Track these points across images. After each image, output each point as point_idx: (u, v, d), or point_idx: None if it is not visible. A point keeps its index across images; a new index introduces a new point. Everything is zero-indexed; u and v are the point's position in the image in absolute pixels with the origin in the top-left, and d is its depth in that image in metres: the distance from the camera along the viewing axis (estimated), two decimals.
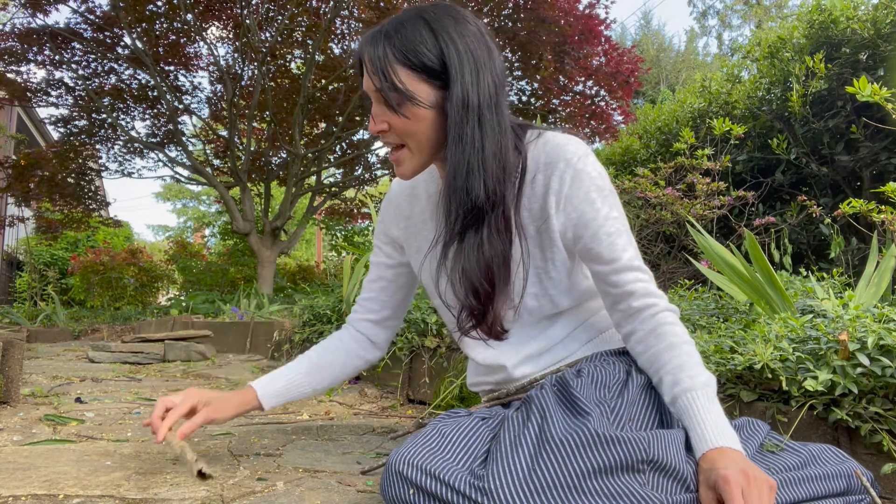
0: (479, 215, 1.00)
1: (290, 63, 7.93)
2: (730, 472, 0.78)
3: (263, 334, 3.60)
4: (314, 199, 8.47)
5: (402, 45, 0.97)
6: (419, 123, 0.99)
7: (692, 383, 0.92)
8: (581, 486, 0.78)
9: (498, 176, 0.99)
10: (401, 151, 1.04)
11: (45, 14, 6.77)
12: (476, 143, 0.97)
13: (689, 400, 0.90)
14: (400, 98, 0.97)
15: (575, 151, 1.03)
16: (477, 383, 1.24)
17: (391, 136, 1.02)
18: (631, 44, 15.62)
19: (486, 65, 0.99)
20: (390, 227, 1.27)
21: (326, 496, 1.08)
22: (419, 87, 0.97)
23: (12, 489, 1.05)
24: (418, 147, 1.02)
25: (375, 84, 0.98)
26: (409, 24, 0.98)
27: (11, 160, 7.64)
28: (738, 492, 0.76)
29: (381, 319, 1.34)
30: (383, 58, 0.97)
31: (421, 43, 0.96)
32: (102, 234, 12.71)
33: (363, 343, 1.34)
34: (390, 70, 0.96)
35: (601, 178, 1.04)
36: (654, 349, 0.99)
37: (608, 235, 1.02)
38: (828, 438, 1.16)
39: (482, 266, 1.00)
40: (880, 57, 3.38)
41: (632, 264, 1.03)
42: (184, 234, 25.81)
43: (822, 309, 1.63)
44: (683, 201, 3.33)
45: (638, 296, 1.02)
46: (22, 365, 1.92)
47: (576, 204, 1.03)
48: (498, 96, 1.00)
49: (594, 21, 6.26)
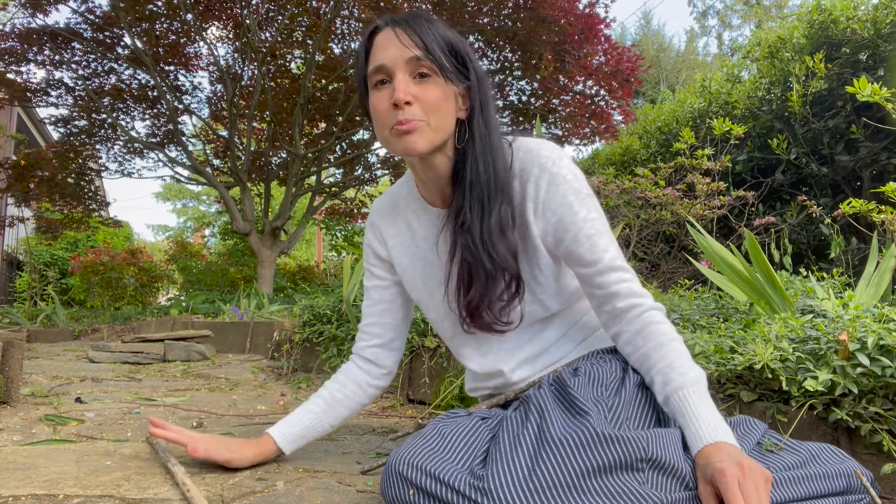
0: (490, 199, 1.03)
1: (290, 63, 7.92)
2: (725, 464, 0.79)
3: (263, 334, 3.60)
4: (314, 199, 8.47)
5: (437, 29, 1.02)
6: (446, 101, 1.02)
7: (683, 381, 0.92)
8: (581, 486, 0.78)
9: (505, 165, 1.05)
10: (418, 122, 0.99)
11: (45, 14, 6.76)
12: (491, 131, 1.05)
13: (681, 398, 0.91)
14: (438, 68, 1.00)
15: (549, 156, 1.04)
16: (475, 388, 1.24)
17: (415, 108, 0.99)
18: (631, 44, 15.59)
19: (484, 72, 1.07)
20: (377, 248, 1.27)
21: (326, 496, 1.08)
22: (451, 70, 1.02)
23: (12, 489, 1.05)
24: (437, 126, 1.01)
25: (416, 53, 0.99)
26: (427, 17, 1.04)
27: (11, 160, 7.63)
28: (735, 483, 0.77)
29: (387, 342, 1.32)
30: (427, 31, 1.01)
31: (445, 32, 1.04)
32: (102, 234, 12.70)
33: (372, 371, 1.33)
34: (435, 41, 1.00)
35: (577, 181, 1.05)
36: (642, 349, 1.00)
37: (588, 238, 1.03)
38: (828, 438, 1.16)
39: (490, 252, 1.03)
40: (880, 57, 3.38)
41: (614, 264, 1.03)
42: (184, 234, 25.81)
43: (822, 309, 1.63)
44: (683, 201, 3.33)
45: (622, 296, 1.02)
46: (22, 365, 1.92)
47: (554, 208, 1.04)
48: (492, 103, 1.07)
49: (594, 20, 6.25)
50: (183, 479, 1.09)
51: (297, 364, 2.93)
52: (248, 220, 7.34)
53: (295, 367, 2.92)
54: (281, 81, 7.78)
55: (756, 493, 0.76)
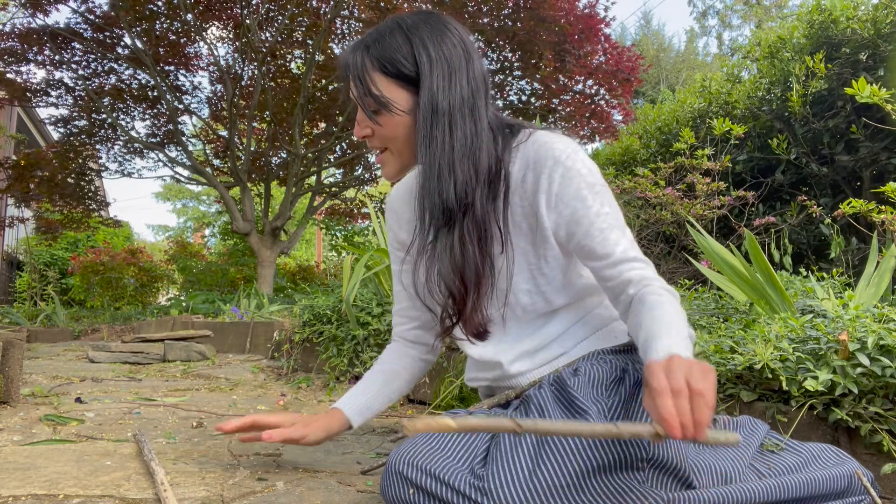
0: (450, 217, 1.02)
1: (290, 63, 7.93)
2: (656, 362, 0.75)
3: (263, 334, 3.60)
4: (314, 199, 8.47)
5: (379, 53, 1.02)
6: (397, 128, 1.04)
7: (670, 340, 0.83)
8: (581, 485, 0.78)
9: (468, 179, 1.00)
10: (384, 154, 1.09)
11: (45, 14, 6.77)
12: (445, 146, 1.00)
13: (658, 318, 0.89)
14: (377, 105, 1.03)
15: (563, 149, 1.04)
16: (474, 378, 1.24)
17: (375, 140, 1.08)
18: (630, 43, 15.58)
19: (461, 69, 1.02)
20: (398, 232, 1.28)
21: (326, 496, 1.08)
22: (396, 94, 1.02)
23: (12, 489, 1.05)
24: (399, 151, 1.07)
25: (355, 92, 1.04)
26: (388, 33, 1.03)
27: (11, 160, 7.64)
28: (661, 371, 0.73)
29: (424, 324, 1.31)
30: (361, 67, 1.02)
31: (396, 51, 1.01)
32: (102, 234, 12.71)
33: (419, 348, 1.32)
34: (368, 78, 1.02)
35: (591, 175, 1.04)
36: (638, 314, 0.95)
37: (600, 231, 1.02)
38: (828, 438, 1.16)
39: (454, 267, 1.02)
40: (880, 57, 3.38)
41: (626, 256, 1.02)
42: (184, 234, 25.82)
43: (822, 309, 1.63)
44: (683, 201, 3.33)
45: (634, 283, 1.01)
46: (22, 365, 1.92)
47: (567, 201, 1.03)
48: (474, 100, 1.02)
49: (594, 20, 6.26)
50: (163, 479, 1.09)
51: (297, 364, 2.93)
52: (248, 220, 7.34)
53: (295, 367, 2.92)
54: (281, 81, 7.78)
55: (686, 375, 0.71)
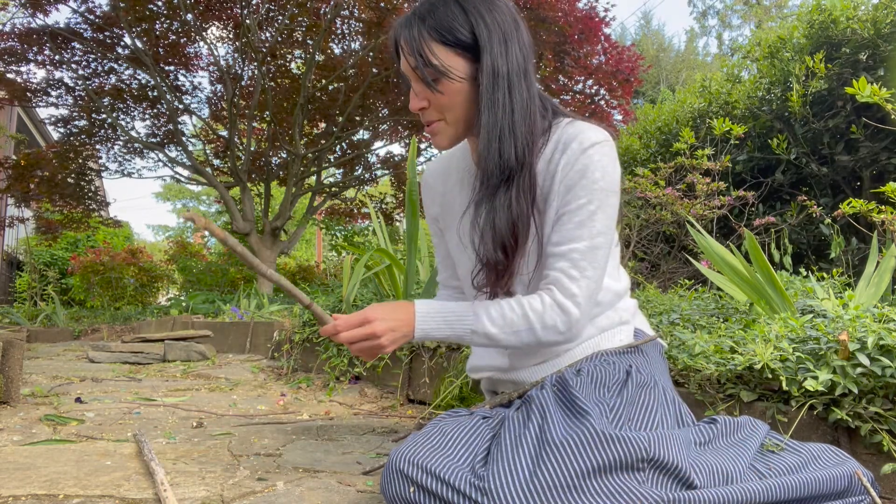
0: (510, 176, 1.05)
1: (290, 63, 7.92)
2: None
3: (263, 334, 3.60)
4: (314, 199, 8.46)
5: (436, 23, 1.04)
6: (455, 96, 1.06)
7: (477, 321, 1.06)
8: (581, 486, 0.78)
9: (527, 139, 1.05)
10: (437, 124, 1.10)
11: (45, 14, 6.76)
12: (506, 108, 1.04)
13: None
14: (436, 74, 1.04)
15: (590, 136, 1.06)
16: (476, 368, 1.24)
17: (431, 111, 1.09)
18: (630, 43, 15.54)
19: (514, 36, 1.06)
20: (431, 207, 1.32)
21: (326, 496, 1.08)
22: (455, 62, 1.04)
23: (12, 489, 1.05)
24: (455, 120, 1.09)
25: (412, 64, 1.05)
26: (441, 4, 1.05)
27: (11, 160, 7.63)
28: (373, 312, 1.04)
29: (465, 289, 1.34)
30: (419, 38, 1.04)
31: (453, 19, 1.04)
32: (102, 234, 12.70)
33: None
34: (426, 48, 1.03)
35: (605, 179, 1.05)
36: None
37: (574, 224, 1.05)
38: (828, 438, 1.16)
39: (510, 222, 1.05)
40: (880, 57, 3.38)
41: (570, 256, 1.05)
42: (184, 234, 25.80)
43: (822, 309, 1.63)
44: (683, 201, 3.33)
45: (549, 281, 1.06)
46: (22, 365, 1.92)
47: (569, 185, 1.06)
48: (526, 65, 1.06)
49: (594, 20, 6.25)
50: (163, 479, 1.09)
51: (297, 364, 2.93)
52: (248, 220, 7.34)
53: (295, 367, 2.92)
54: (281, 81, 7.78)
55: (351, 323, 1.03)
